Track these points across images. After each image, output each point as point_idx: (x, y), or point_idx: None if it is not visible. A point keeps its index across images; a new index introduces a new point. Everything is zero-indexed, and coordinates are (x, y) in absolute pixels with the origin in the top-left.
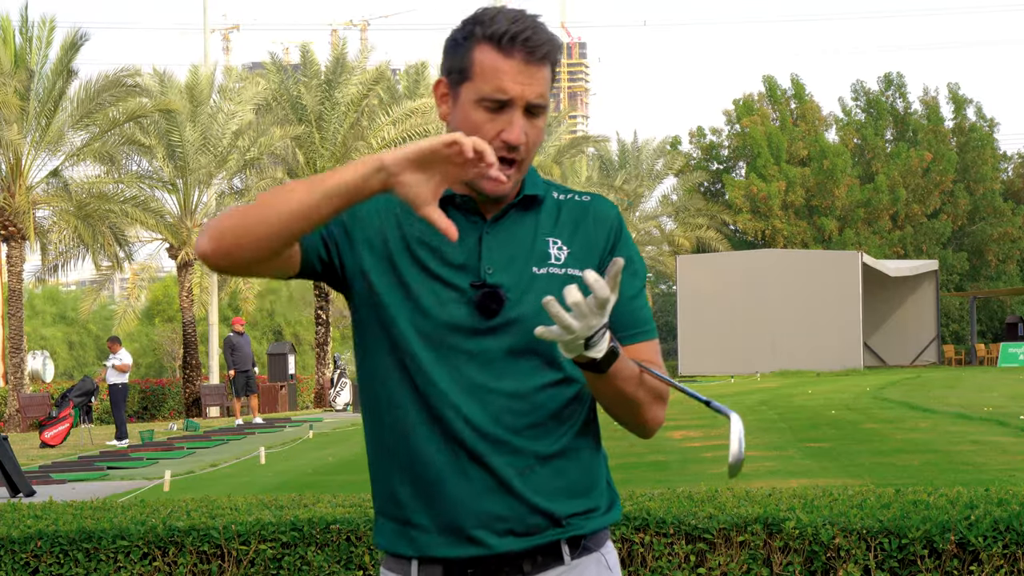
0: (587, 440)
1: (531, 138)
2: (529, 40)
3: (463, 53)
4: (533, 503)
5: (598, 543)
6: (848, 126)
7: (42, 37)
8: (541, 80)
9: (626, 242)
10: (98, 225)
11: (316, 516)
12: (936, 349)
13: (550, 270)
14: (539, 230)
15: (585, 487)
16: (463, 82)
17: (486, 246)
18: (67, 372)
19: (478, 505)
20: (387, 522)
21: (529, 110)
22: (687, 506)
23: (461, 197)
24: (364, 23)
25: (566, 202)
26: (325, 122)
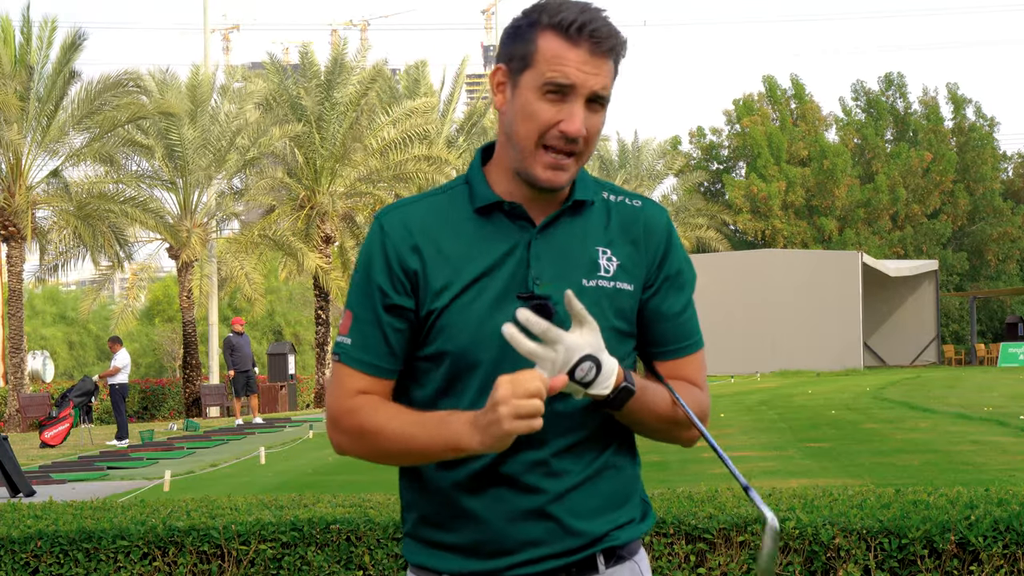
0: (626, 455)
1: (591, 131)
2: (597, 31)
3: (527, 40)
4: (571, 526)
5: (631, 552)
6: (848, 126)
7: (43, 37)
8: (606, 72)
9: (675, 253)
10: (98, 225)
11: (316, 516)
12: (936, 349)
13: (599, 282)
14: (589, 237)
15: (622, 500)
16: (524, 69)
17: (534, 255)
18: (67, 372)
19: (515, 530)
20: (417, 543)
21: (592, 101)
22: (687, 506)
23: (509, 204)
24: (364, 23)
25: (617, 205)
26: (324, 122)
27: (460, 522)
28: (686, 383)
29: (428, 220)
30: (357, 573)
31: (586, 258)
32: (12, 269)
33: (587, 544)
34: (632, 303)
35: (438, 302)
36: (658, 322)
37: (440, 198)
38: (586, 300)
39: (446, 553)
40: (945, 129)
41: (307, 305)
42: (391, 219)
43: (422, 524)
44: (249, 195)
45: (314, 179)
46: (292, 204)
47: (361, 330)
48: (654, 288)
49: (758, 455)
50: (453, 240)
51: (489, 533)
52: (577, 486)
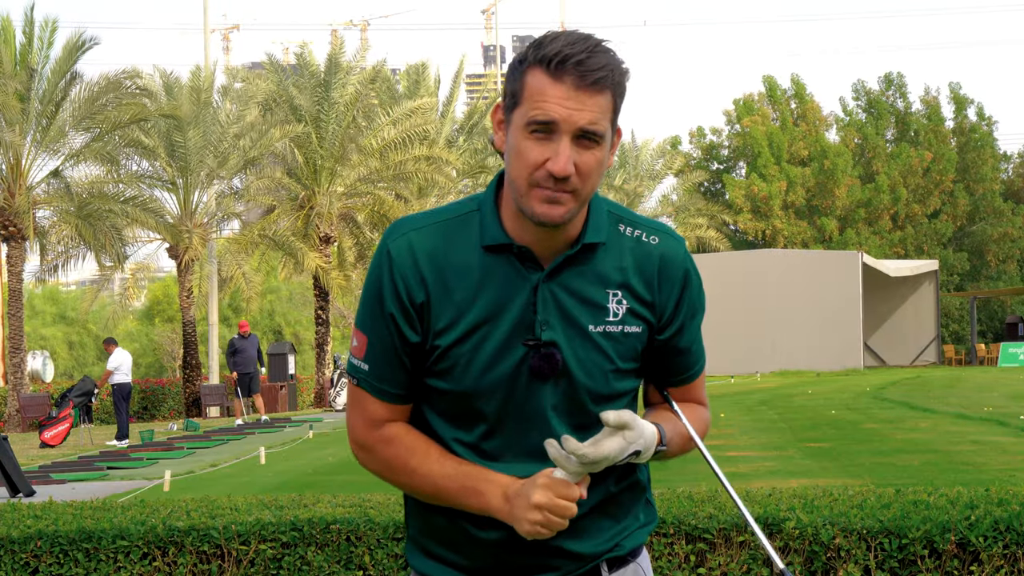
0: (632, 479)
1: (584, 168)
2: (582, 64)
3: (517, 77)
4: (576, 551)
5: (634, 555)
6: (849, 126)
7: (43, 38)
8: (595, 106)
9: (692, 289)
10: (98, 225)
11: (316, 516)
12: (936, 349)
13: (607, 328)
14: (599, 281)
15: (625, 514)
16: (515, 107)
17: (541, 299)
18: (67, 372)
19: (519, 557)
20: (421, 552)
21: (581, 138)
22: (687, 506)
23: (518, 247)
24: (364, 23)
25: (631, 241)
26: (323, 122)
27: (465, 544)
28: (694, 404)
29: (436, 251)
30: (357, 573)
31: (595, 302)
32: (12, 269)
33: (591, 561)
34: (639, 344)
35: (441, 340)
36: (675, 356)
37: (450, 224)
38: (590, 346)
39: (449, 569)
40: (946, 129)
41: (307, 305)
42: (398, 246)
43: (426, 536)
44: (249, 195)
45: (314, 179)
46: (292, 204)
47: (376, 357)
48: (673, 328)
49: (758, 455)
50: (459, 277)
51: (493, 559)
52: (584, 516)
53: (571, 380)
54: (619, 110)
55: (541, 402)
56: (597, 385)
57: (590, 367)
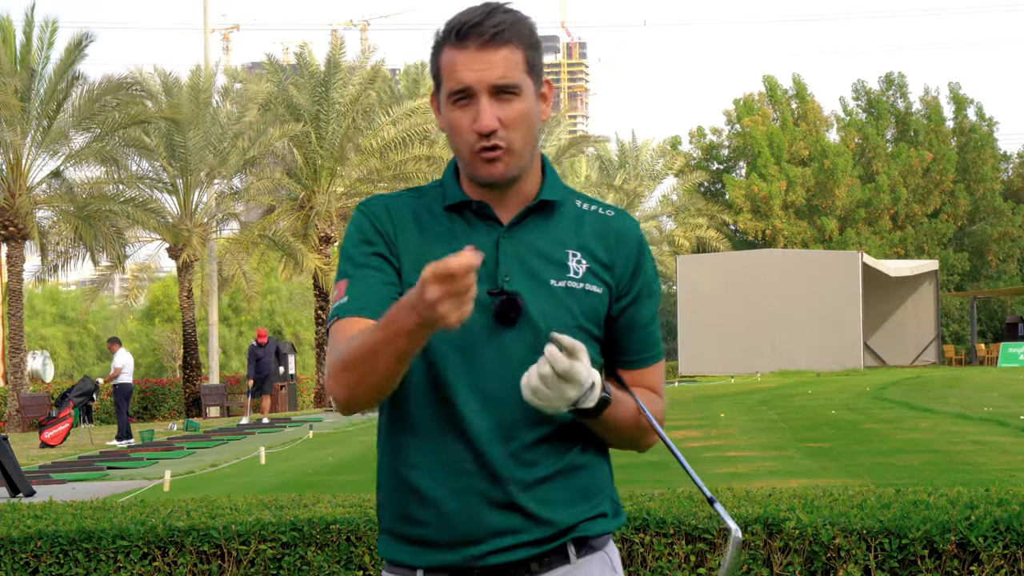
0: (595, 453)
1: (508, 121)
2: (479, 25)
3: (434, 61)
4: (539, 515)
5: (602, 543)
6: (849, 126)
7: (44, 38)
8: (501, 62)
9: (647, 264)
10: (99, 225)
11: (316, 516)
12: (936, 349)
13: (568, 283)
14: (559, 239)
15: (592, 495)
16: (439, 88)
17: (503, 252)
18: (67, 372)
19: (484, 520)
20: (392, 539)
21: (499, 93)
22: (687, 506)
23: (477, 203)
24: (364, 23)
25: (589, 213)
26: (322, 122)
27: (431, 514)
28: (648, 391)
29: (404, 212)
30: (357, 573)
31: (555, 259)
32: (12, 269)
33: (557, 534)
34: (601, 307)
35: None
36: (630, 331)
37: (416, 195)
38: (554, 299)
39: (419, 548)
40: (946, 129)
41: (307, 305)
42: (372, 204)
43: (395, 520)
44: (249, 195)
45: (313, 179)
46: (291, 204)
47: (356, 286)
48: (629, 297)
49: (758, 455)
50: (425, 234)
51: (459, 524)
52: (546, 478)
53: (537, 332)
54: (533, 62)
55: (507, 354)
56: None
57: (553, 321)
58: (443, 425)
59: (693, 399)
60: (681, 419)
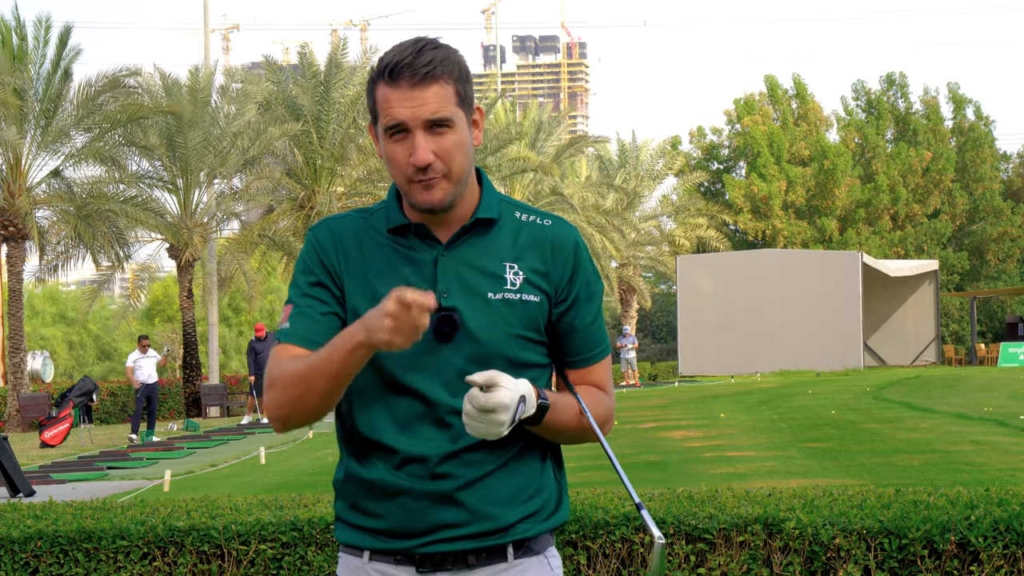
0: (536, 450)
1: (443, 152)
2: (410, 66)
3: (370, 96)
4: (482, 512)
5: (542, 546)
6: (849, 126)
7: (39, 37)
8: (433, 98)
9: (584, 268)
10: (98, 225)
11: (316, 516)
12: (936, 349)
13: (505, 295)
14: (495, 254)
15: (533, 492)
16: (375, 122)
17: (441, 270)
18: (67, 372)
19: (428, 515)
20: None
21: (432, 127)
22: (687, 506)
23: (416, 225)
24: (364, 23)
25: (527, 224)
26: (323, 122)
27: (380, 507)
28: (594, 388)
29: (351, 236)
30: None
31: (493, 272)
32: (12, 269)
33: (498, 530)
34: (540, 314)
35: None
36: (571, 333)
37: (362, 216)
38: (491, 311)
39: (367, 535)
40: (945, 129)
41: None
42: (318, 229)
43: (349, 509)
44: (249, 195)
45: (314, 179)
46: (292, 204)
47: (297, 313)
48: (567, 303)
49: (758, 455)
50: (368, 256)
51: (405, 519)
52: (487, 475)
53: (477, 343)
54: (464, 93)
55: (446, 365)
56: (504, 349)
57: (492, 332)
58: (386, 427)
59: (693, 399)
60: (681, 419)
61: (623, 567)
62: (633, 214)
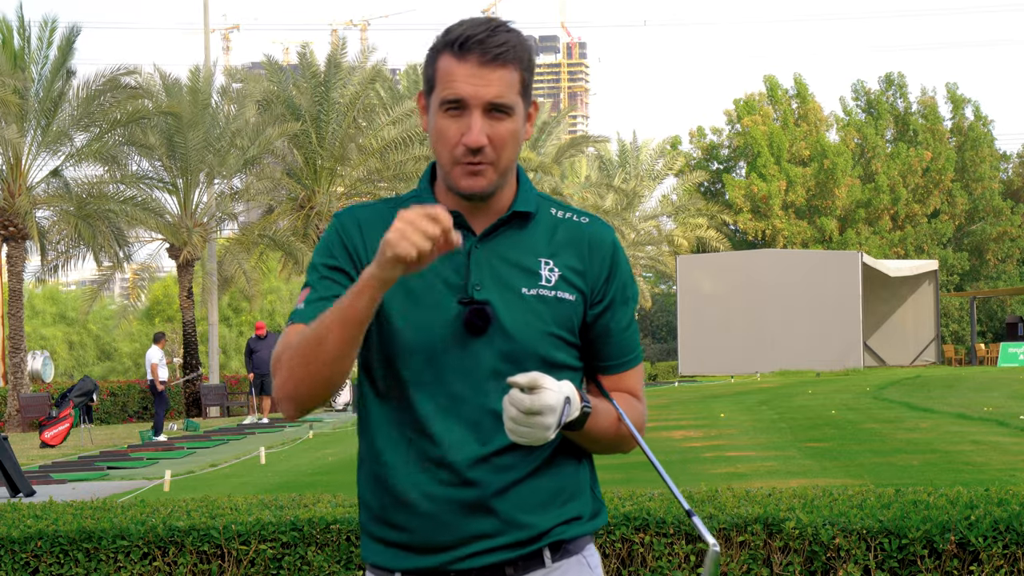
0: (571, 454)
1: (497, 139)
2: (483, 43)
3: (430, 64)
4: (516, 520)
5: (579, 546)
6: (849, 126)
7: (43, 38)
8: (499, 81)
9: (621, 269)
10: (98, 225)
11: (316, 516)
12: (936, 349)
13: (540, 291)
14: (531, 249)
15: (568, 497)
16: (431, 92)
17: (474, 262)
18: (67, 372)
19: (460, 524)
20: (372, 541)
21: (492, 111)
22: None
23: (451, 213)
24: (364, 23)
25: (563, 221)
26: (322, 122)
27: (408, 518)
28: (627, 395)
29: (376, 222)
30: (357, 573)
31: (528, 267)
32: (12, 269)
33: (533, 538)
34: (574, 314)
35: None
36: (606, 337)
37: (392, 204)
38: (525, 307)
39: (397, 551)
40: (944, 128)
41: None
42: (343, 215)
43: (375, 522)
44: (249, 195)
45: (314, 179)
46: (292, 204)
47: (314, 296)
48: (603, 304)
49: (758, 455)
50: None
51: (436, 529)
52: (520, 480)
53: (510, 339)
54: (527, 84)
55: (477, 362)
56: (538, 347)
57: (525, 329)
58: (413, 431)
59: (693, 399)
60: (681, 419)
61: (623, 567)
62: (633, 214)
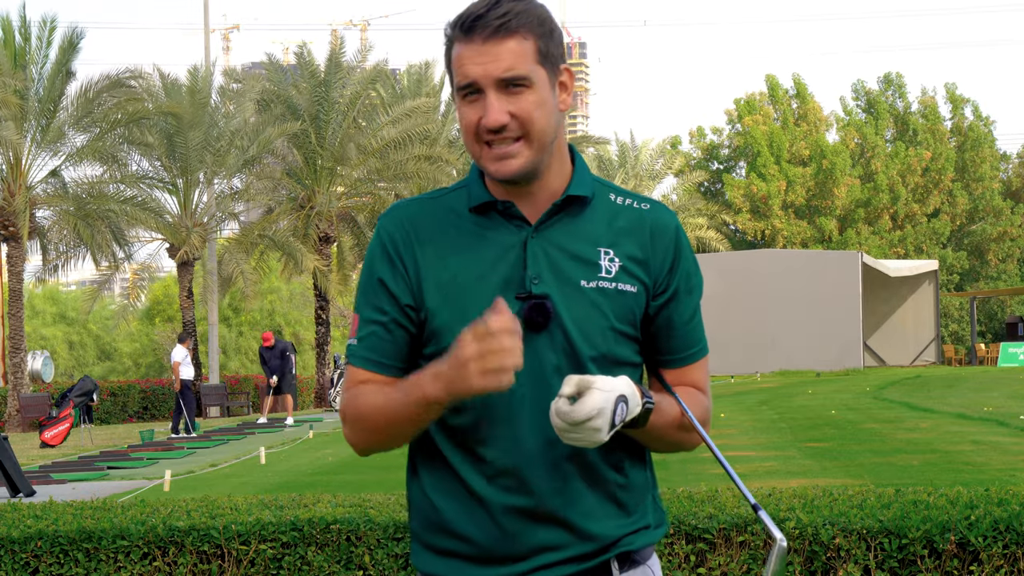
0: (637, 462)
1: (521, 113)
2: (482, 17)
3: (448, 56)
4: (584, 529)
5: (644, 557)
6: (848, 126)
7: (42, 37)
8: (507, 53)
9: (686, 258)
10: (98, 225)
11: (316, 516)
12: (936, 349)
13: (600, 283)
14: (589, 238)
15: (635, 506)
16: (453, 84)
17: (531, 254)
18: (67, 372)
19: (527, 535)
20: (426, 550)
21: (507, 87)
22: (687, 506)
23: (503, 203)
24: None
25: (623, 207)
26: (323, 122)
27: (469, 527)
28: (692, 389)
29: (426, 219)
30: (357, 573)
31: (586, 258)
32: (12, 269)
33: (601, 549)
34: (636, 306)
35: (434, 302)
36: (669, 329)
37: (440, 198)
38: (585, 301)
39: (458, 561)
40: (944, 128)
41: (307, 305)
42: (391, 217)
43: (431, 530)
44: (249, 195)
45: (314, 179)
46: (291, 204)
47: (366, 329)
48: (667, 295)
49: (758, 455)
50: (450, 240)
51: (500, 539)
52: (588, 490)
53: (568, 337)
54: (547, 50)
55: (541, 362)
56: (597, 343)
57: (585, 324)
58: (477, 437)
59: None
60: None
61: None
62: None
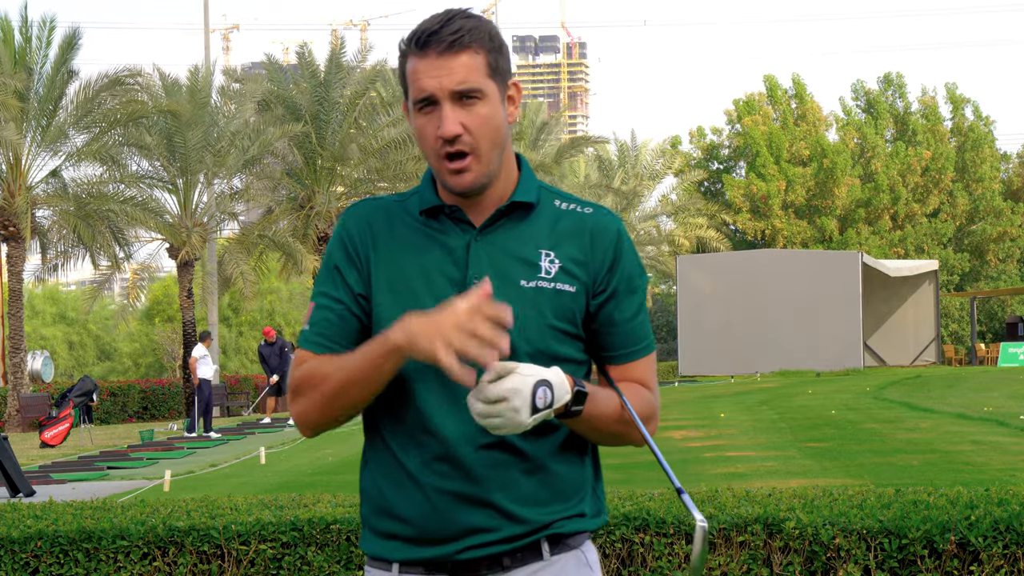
0: (574, 452)
1: (474, 125)
2: (436, 34)
3: (401, 70)
4: (514, 513)
5: (578, 542)
6: (848, 126)
7: (42, 37)
8: (460, 67)
9: (626, 259)
10: (98, 225)
11: (316, 516)
12: (936, 349)
13: (539, 283)
14: (531, 240)
15: (570, 494)
16: (407, 97)
17: (473, 255)
18: (67, 372)
19: (459, 517)
20: (372, 534)
21: (461, 99)
22: None
23: (450, 207)
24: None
25: (566, 212)
26: (322, 122)
27: (408, 510)
28: (637, 385)
29: (383, 219)
30: (357, 573)
31: (527, 259)
32: (12, 269)
33: (532, 531)
34: (575, 305)
35: (382, 295)
36: (610, 327)
37: (395, 201)
38: (524, 300)
39: (398, 543)
40: (944, 128)
41: (306, 305)
42: (352, 215)
43: (376, 514)
44: (249, 195)
45: (314, 179)
46: (291, 204)
47: (318, 315)
48: (606, 294)
49: (758, 455)
50: (400, 239)
51: (435, 521)
52: (521, 475)
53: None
54: (497, 65)
55: None
56: (533, 340)
57: (524, 322)
58: (415, 425)
59: (693, 399)
60: (681, 419)
61: (623, 567)
62: (633, 214)
